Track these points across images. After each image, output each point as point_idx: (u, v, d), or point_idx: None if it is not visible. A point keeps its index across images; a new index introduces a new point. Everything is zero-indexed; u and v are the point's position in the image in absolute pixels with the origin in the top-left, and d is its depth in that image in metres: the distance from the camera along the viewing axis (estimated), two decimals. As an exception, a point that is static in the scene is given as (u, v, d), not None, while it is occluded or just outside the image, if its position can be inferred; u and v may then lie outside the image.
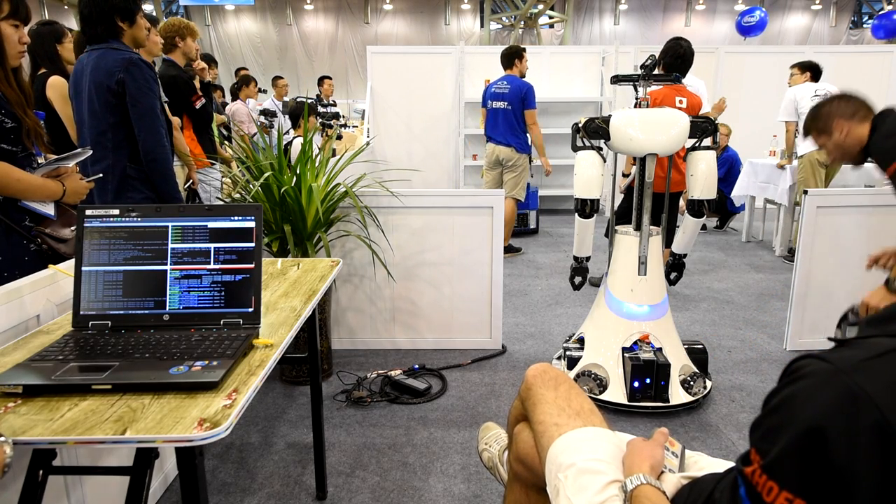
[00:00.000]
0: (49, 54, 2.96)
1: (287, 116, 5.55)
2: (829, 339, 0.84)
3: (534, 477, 1.29)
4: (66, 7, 15.23)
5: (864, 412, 0.64)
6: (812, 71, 5.05)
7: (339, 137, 6.33)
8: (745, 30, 10.39)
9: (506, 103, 4.95)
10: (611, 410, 2.57)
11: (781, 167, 5.16)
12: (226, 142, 4.53)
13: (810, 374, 0.71)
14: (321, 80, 8.88)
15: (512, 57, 5.07)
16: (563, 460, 1.11)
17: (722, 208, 6.20)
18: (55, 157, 1.89)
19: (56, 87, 2.86)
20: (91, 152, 1.98)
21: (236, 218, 1.36)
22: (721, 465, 1.12)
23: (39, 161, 1.88)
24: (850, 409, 0.65)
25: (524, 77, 5.09)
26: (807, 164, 4.79)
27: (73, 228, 1.81)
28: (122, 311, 1.31)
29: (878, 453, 0.63)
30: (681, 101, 3.83)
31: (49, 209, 1.79)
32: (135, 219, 1.34)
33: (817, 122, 2.40)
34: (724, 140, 6.07)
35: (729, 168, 6.12)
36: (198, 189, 3.53)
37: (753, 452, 0.75)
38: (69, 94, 2.62)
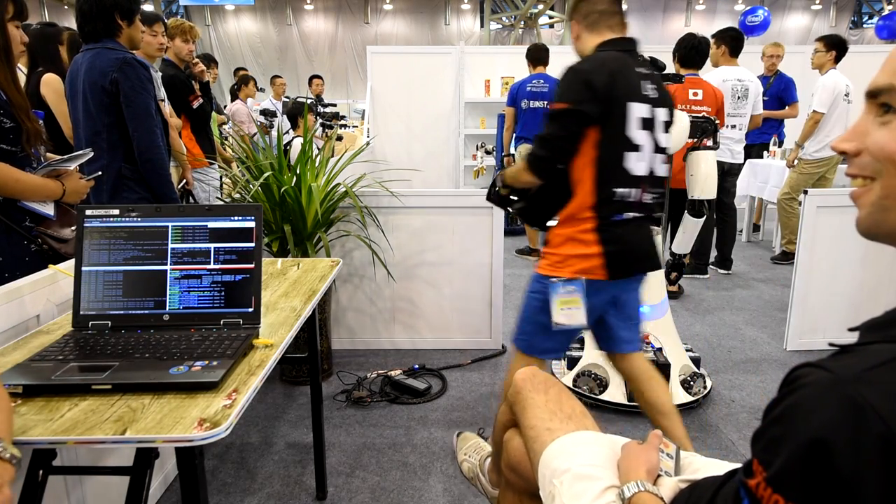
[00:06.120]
0: (51, 55, 2.95)
1: (285, 117, 5.48)
2: (831, 344, 0.83)
3: (526, 484, 1.28)
4: (66, 7, 15.22)
5: (868, 423, 0.63)
6: (837, 49, 4.57)
7: (340, 139, 6.29)
8: (749, 29, 10.35)
9: (545, 102, 4.82)
10: (610, 410, 2.57)
11: (791, 165, 4.84)
12: (225, 141, 4.52)
13: (811, 383, 0.70)
14: (311, 80, 8.90)
15: (545, 53, 4.95)
16: (557, 465, 1.10)
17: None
18: (57, 157, 1.89)
19: (50, 84, 2.85)
20: (92, 154, 1.98)
21: (236, 218, 1.36)
22: (716, 465, 1.12)
23: (41, 160, 1.88)
24: (854, 421, 0.64)
25: None
26: (798, 173, 4.67)
27: (73, 228, 1.81)
28: (122, 311, 1.31)
29: (883, 465, 0.63)
30: (695, 94, 3.84)
31: (49, 209, 1.79)
32: (135, 219, 1.34)
33: (581, 5, 2.02)
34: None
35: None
36: (194, 189, 3.52)
37: (756, 463, 0.74)
38: (65, 94, 2.61)
